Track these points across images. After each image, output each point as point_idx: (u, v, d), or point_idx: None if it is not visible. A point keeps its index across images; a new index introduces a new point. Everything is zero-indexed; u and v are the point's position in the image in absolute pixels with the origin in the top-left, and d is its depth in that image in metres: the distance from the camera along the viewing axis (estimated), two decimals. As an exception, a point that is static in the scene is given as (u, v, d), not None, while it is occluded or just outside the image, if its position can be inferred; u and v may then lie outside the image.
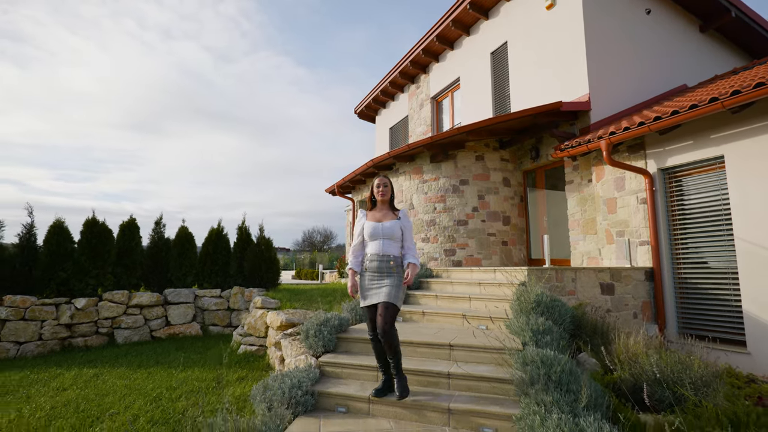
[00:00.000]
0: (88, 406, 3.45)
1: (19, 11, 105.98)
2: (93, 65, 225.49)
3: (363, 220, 3.14)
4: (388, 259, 2.98)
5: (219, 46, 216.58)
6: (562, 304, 3.83)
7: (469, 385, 2.95)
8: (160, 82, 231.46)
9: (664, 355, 2.97)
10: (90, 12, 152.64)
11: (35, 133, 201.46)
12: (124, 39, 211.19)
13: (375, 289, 2.94)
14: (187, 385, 3.90)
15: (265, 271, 7.24)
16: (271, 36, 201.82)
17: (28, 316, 5.73)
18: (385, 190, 3.15)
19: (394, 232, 3.02)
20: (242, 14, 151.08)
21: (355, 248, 3.14)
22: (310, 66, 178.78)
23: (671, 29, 8.41)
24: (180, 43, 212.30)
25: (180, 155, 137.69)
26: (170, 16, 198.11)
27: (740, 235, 4.54)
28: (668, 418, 2.46)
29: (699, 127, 4.92)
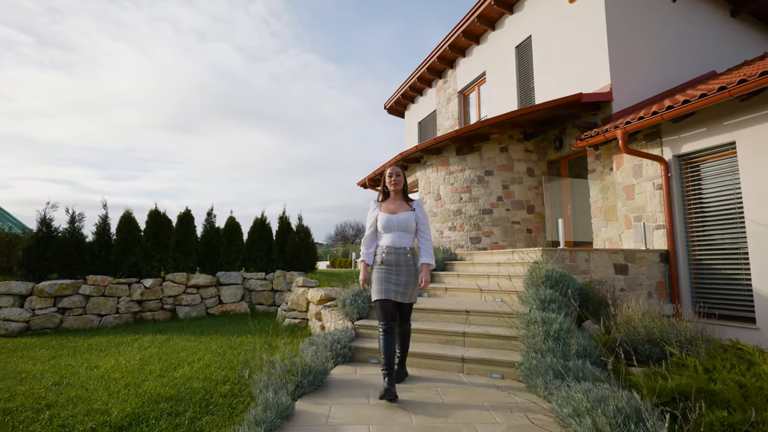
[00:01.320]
0: (168, 357, 4.24)
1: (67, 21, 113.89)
2: (134, 70, 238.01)
3: (376, 211, 3.05)
4: (405, 252, 2.89)
5: (250, 46, 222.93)
6: (570, 278, 4.25)
7: (481, 342, 3.47)
8: (197, 83, 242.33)
9: (657, 319, 3.36)
10: (129, 19, 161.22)
11: (85, 135, 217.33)
12: (162, 43, 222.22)
13: (393, 283, 2.83)
14: (244, 346, 4.63)
15: (304, 256, 7.97)
16: (299, 34, 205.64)
17: (107, 293, 6.72)
18: (398, 180, 3.04)
19: (410, 224, 2.93)
20: (271, 14, 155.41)
21: (366, 239, 3.05)
22: (338, 62, 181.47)
23: (699, 16, 8.40)
24: (213, 44, 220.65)
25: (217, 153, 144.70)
26: (204, 18, 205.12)
27: (751, 217, 4.75)
28: (652, 368, 2.88)
29: (712, 114, 5.14)
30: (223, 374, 3.61)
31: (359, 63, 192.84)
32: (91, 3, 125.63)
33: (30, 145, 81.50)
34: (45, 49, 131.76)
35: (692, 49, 8.10)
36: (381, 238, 2.99)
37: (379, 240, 3.00)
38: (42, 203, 25.48)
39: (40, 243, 6.91)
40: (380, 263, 2.91)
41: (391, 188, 3.06)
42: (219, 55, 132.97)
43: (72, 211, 7.23)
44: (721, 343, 3.73)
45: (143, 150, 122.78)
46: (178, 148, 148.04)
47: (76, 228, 7.18)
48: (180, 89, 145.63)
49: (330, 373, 3.18)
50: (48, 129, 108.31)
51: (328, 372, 3.16)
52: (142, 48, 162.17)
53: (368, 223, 3.08)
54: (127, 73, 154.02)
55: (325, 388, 2.86)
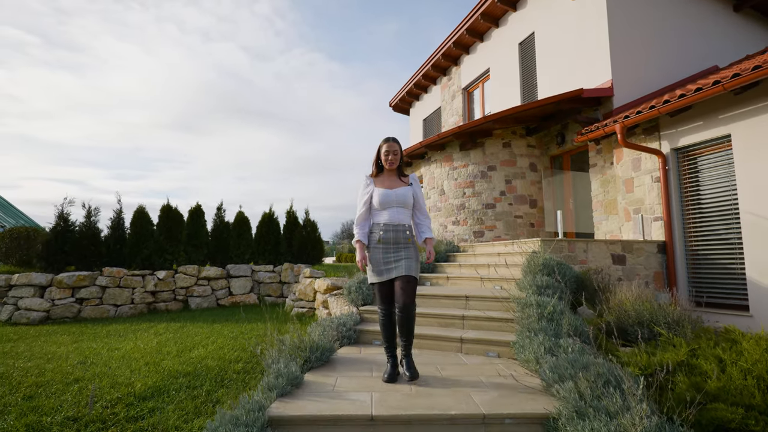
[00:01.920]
0: (183, 341, 4.47)
1: (73, 22, 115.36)
2: (140, 70, 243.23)
3: (371, 187, 2.85)
4: (404, 229, 2.77)
5: (255, 45, 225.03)
6: (567, 267, 4.42)
7: (479, 324, 3.65)
8: (202, 82, 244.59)
9: (646, 303, 3.52)
10: (135, 19, 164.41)
11: (93, 135, 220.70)
12: (168, 43, 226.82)
13: (392, 262, 2.70)
14: (255, 331, 4.86)
15: (311, 249, 8.20)
16: (304, 33, 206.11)
17: (122, 284, 6.99)
18: (395, 158, 2.87)
19: (407, 200, 2.81)
20: (276, 13, 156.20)
21: (360, 218, 2.86)
22: (342, 61, 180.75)
23: (701, 11, 8.45)
24: (219, 44, 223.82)
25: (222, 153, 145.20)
26: (209, 18, 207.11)
27: (745, 208, 4.88)
28: (640, 347, 3.05)
29: (708, 108, 5.25)
30: (235, 354, 3.83)
31: (364, 61, 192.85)
32: (97, 3, 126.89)
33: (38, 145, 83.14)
34: (52, 50, 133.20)
35: (694, 44, 8.17)
36: (376, 216, 2.82)
37: (374, 218, 2.83)
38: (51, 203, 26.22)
39: (58, 237, 7.20)
40: (377, 242, 2.75)
41: (386, 166, 2.86)
42: (224, 54, 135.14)
43: (88, 206, 7.53)
44: (714, 328, 3.88)
45: (150, 150, 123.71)
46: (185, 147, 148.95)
47: (92, 222, 7.47)
48: (186, 89, 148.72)
49: (336, 352, 3.39)
50: (56, 129, 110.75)
51: (335, 351, 3.37)
52: (148, 48, 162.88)
53: (361, 200, 2.85)
54: (134, 74, 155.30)
55: (332, 364, 3.07)
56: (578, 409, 1.97)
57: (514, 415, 2.10)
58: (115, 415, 2.55)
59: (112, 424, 2.43)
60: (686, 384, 2.32)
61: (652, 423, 1.76)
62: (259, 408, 2.03)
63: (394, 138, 2.91)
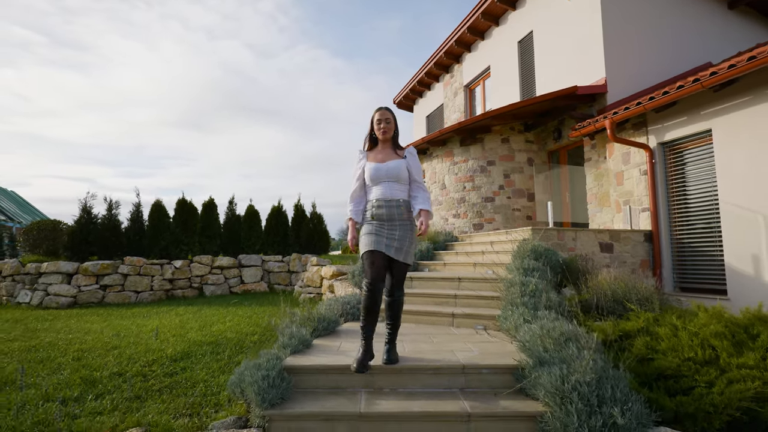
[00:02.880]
0: (203, 320, 4.93)
1: (79, 21, 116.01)
2: (146, 68, 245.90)
3: (363, 161, 2.69)
4: (398, 204, 2.58)
5: (259, 42, 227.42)
6: (554, 253, 4.79)
7: (470, 302, 4.05)
8: (208, 80, 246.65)
9: (621, 282, 3.89)
10: (140, 17, 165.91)
11: (100, 134, 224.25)
12: (173, 41, 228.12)
13: (386, 237, 2.53)
14: (267, 312, 5.30)
15: (317, 240, 8.63)
16: (307, 29, 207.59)
17: (142, 272, 7.48)
18: (387, 127, 2.65)
19: (401, 173, 2.60)
20: (279, 10, 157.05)
21: (353, 194, 2.71)
22: (346, 57, 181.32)
23: (696, 9, 8.69)
24: (223, 42, 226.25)
25: (228, 150, 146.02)
26: (213, 16, 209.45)
27: (724, 199, 5.20)
28: (613, 319, 3.42)
29: (690, 104, 5.57)
30: (251, 329, 4.27)
31: (368, 58, 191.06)
32: (102, 2, 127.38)
33: (46, 143, 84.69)
34: (59, 49, 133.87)
35: (688, 42, 8.42)
36: (369, 192, 2.65)
37: (368, 194, 2.66)
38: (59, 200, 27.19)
39: (82, 228, 7.70)
40: (370, 218, 2.58)
41: (379, 136, 2.66)
42: (229, 52, 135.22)
43: (109, 200, 8.02)
44: (690, 310, 4.23)
45: (157, 147, 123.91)
46: (191, 145, 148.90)
47: (113, 215, 7.96)
48: (192, 87, 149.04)
49: (341, 325, 3.80)
50: (63, 127, 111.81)
51: (340, 324, 3.78)
52: (153, 46, 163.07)
53: (354, 175, 2.70)
54: (140, 72, 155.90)
55: (337, 333, 3.49)
56: (541, 359, 2.36)
57: (489, 365, 2.50)
58: (152, 372, 2.99)
59: (151, 378, 2.87)
60: (642, 344, 2.71)
61: (597, 366, 2.15)
62: (276, 358, 2.46)
63: (386, 107, 2.71)
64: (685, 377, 2.27)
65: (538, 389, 2.21)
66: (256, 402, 2.17)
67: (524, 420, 2.15)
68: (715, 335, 2.62)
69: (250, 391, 2.22)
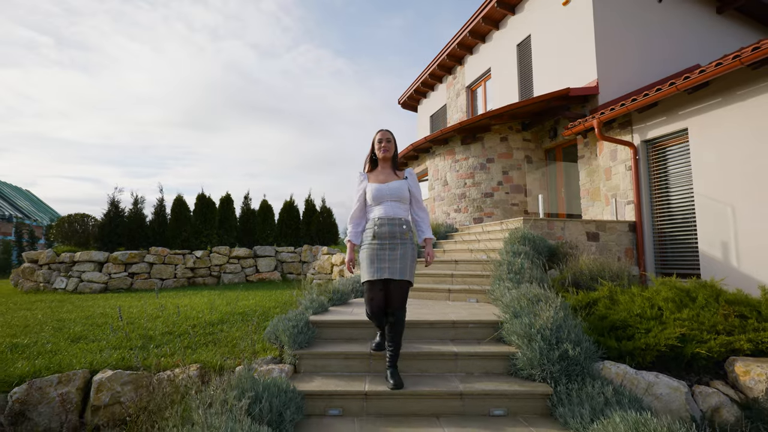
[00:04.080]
0: (228, 299, 5.54)
1: (85, 22, 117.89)
2: (151, 69, 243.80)
3: (364, 183, 2.73)
4: (400, 223, 2.60)
5: (263, 43, 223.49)
6: (542, 239, 5.34)
7: (465, 280, 4.62)
8: (212, 81, 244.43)
9: (596, 262, 4.44)
10: (145, 18, 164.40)
11: (106, 134, 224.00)
12: (177, 42, 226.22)
13: (386, 261, 2.52)
14: (285, 294, 5.90)
15: (327, 232, 9.23)
16: (310, 29, 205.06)
17: (166, 261, 8.12)
18: (388, 146, 2.72)
19: (403, 194, 2.65)
20: (282, 9, 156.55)
21: (354, 215, 2.74)
22: (349, 57, 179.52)
23: (685, 13, 9.15)
24: (227, 42, 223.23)
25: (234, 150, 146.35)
26: (216, 16, 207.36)
27: (698, 191, 5.72)
28: (584, 292, 3.97)
29: (670, 105, 6.08)
30: (273, 304, 4.86)
31: (370, 57, 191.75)
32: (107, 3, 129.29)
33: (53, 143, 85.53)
34: (65, 50, 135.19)
35: (678, 45, 8.89)
36: (371, 211, 2.68)
37: (369, 213, 2.69)
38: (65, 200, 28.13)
39: (111, 221, 8.36)
40: (372, 238, 2.59)
41: (380, 155, 2.73)
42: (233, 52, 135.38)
43: (135, 195, 8.68)
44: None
45: (162, 147, 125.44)
46: (196, 144, 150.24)
47: (138, 209, 8.61)
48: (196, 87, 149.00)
49: (352, 299, 4.39)
50: (70, 128, 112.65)
51: (351, 297, 4.37)
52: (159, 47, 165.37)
53: (355, 196, 2.74)
54: (146, 73, 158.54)
55: (349, 303, 4.07)
56: (516, 313, 2.92)
57: (475, 321, 3.07)
58: (196, 332, 3.59)
59: (196, 336, 3.47)
60: (603, 306, 3.26)
61: (559, 317, 2.71)
62: (302, 313, 3.05)
63: (387, 129, 2.82)
64: (630, 327, 2.83)
65: (511, 336, 2.78)
66: (288, 344, 2.76)
67: (500, 359, 2.72)
68: (664, 299, 3.17)
69: (283, 336, 2.81)
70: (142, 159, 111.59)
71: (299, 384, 2.47)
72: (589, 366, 2.49)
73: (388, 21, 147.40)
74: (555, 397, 2.36)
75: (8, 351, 3.04)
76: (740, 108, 5.27)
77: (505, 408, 2.38)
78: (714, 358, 2.51)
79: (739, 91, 5.27)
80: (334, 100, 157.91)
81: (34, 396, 2.36)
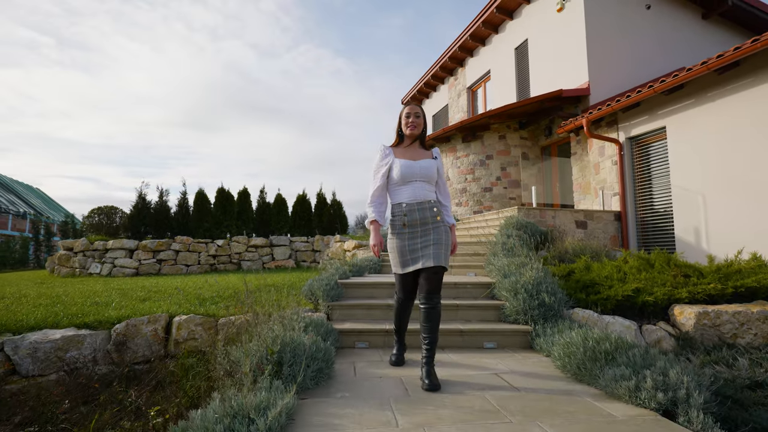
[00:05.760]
0: (254, 278, 6.22)
1: (85, 23, 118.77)
2: (151, 69, 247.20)
3: (390, 157, 2.47)
4: (430, 206, 2.40)
5: (262, 43, 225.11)
6: (534, 225, 6.02)
7: (464, 258, 5.30)
8: (212, 80, 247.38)
9: (578, 242, 5.12)
10: (144, 19, 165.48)
11: (107, 134, 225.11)
12: (177, 42, 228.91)
13: (419, 250, 2.34)
14: (305, 275, 6.60)
15: (337, 223, 9.92)
16: (309, 29, 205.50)
17: (191, 249, 8.83)
18: (417, 122, 2.50)
19: (432, 173, 2.47)
20: (281, 9, 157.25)
21: (375, 194, 2.49)
22: (349, 57, 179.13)
23: (672, 19, 9.78)
24: (227, 42, 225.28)
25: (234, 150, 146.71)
26: (215, 16, 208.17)
27: (675, 183, 6.39)
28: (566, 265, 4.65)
29: (650, 105, 6.75)
30: (298, 280, 5.55)
31: (370, 57, 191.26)
32: (107, 3, 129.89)
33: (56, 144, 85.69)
34: (65, 50, 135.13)
35: (666, 49, 9.54)
36: (396, 193, 2.46)
37: (394, 196, 2.47)
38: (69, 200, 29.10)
39: (140, 212, 9.07)
40: (402, 226, 2.39)
41: (407, 131, 2.49)
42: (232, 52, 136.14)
43: (161, 189, 9.40)
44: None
45: (163, 147, 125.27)
46: (196, 144, 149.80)
47: (164, 201, 9.33)
48: (197, 87, 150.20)
49: (366, 273, 5.08)
50: (71, 128, 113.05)
51: (365, 273, 5.06)
52: (159, 47, 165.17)
53: (378, 173, 2.48)
54: (147, 73, 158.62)
55: (364, 276, 4.76)
56: (506, 275, 3.61)
57: (472, 282, 3.76)
58: (239, 296, 4.29)
59: (240, 298, 4.17)
60: (578, 273, 3.94)
61: (539, 275, 3.39)
62: (331, 276, 3.74)
63: (416, 103, 2.84)
64: (598, 285, 3.51)
65: (502, 292, 3.47)
66: (322, 298, 3.46)
67: (492, 309, 3.41)
68: (630, 267, 3.85)
69: (318, 292, 3.50)
70: (144, 159, 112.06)
71: (333, 325, 3.16)
72: (561, 311, 3.18)
73: (387, 20, 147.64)
74: (534, 333, 3.04)
75: (94, 305, 3.73)
76: (711, 108, 5.94)
77: (495, 342, 3.07)
78: (660, 305, 3.18)
79: (710, 93, 5.94)
80: (334, 99, 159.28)
81: (131, 331, 3.05)
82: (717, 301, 3.12)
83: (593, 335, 2.36)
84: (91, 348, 2.94)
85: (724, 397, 2.00)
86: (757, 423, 1.80)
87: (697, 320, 2.92)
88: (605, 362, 2.16)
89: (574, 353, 2.31)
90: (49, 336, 2.85)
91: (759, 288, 3.05)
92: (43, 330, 2.94)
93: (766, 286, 3.05)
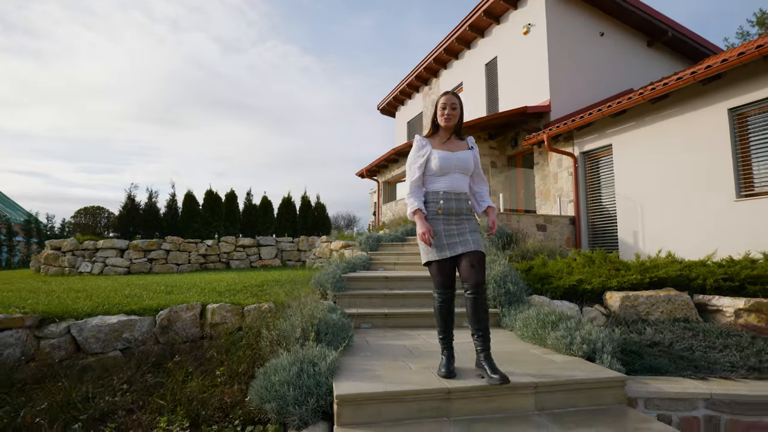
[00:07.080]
0: (250, 276, 6.80)
1: (33, 7, 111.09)
2: (108, 59, 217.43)
3: (427, 148, 2.50)
4: (466, 198, 2.49)
5: (227, 37, 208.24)
6: (500, 228, 6.93)
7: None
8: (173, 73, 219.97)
9: (537, 243, 6.06)
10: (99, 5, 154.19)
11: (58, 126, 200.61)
12: (135, 32, 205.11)
13: (456, 236, 2.39)
14: (296, 272, 7.23)
15: (321, 225, 10.57)
16: (276, 24, 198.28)
17: (181, 249, 9.23)
18: (453, 113, 2.50)
19: (469, 165, 2.50)
20: (247, 4, 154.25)
21: (415, 184, 2.50)
22: (317, 54, 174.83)
23: (623, 45, 11.06)
24: (189, 34, 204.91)
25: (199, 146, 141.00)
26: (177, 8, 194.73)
27: (618, 192, 7.49)
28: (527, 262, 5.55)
29: (600, 125, 7.84)
30: (296, 276, 6.20)
31: (339, 55, 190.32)
32: None
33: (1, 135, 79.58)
34: (12, 35, 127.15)
35: (618, 71, 10.78)
36: (432, 183, 2.49)
37: (430, 185, 2.50)
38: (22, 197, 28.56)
39: (129, 213, 9.37)
40: (436, 212, 2.43)
41: (442, 123, 2.51)
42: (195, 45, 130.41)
43: (150, 190, 9.72)
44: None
45: (119, 141, 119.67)
46: (158, 140, 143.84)
47: (153, 202, 9.66)
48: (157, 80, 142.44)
49: (358, 270, 5.81)
50: (19, 119, 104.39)
51: (358, 269, 5.78)
52: (115, 36, 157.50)
53: (415, 164, 2.51)
54: (101, 62, 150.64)
55: (358, 272, 5.49)
56: (479, 270, 4.45)
57: (452, 276, 4.58)
58: (249, 289, 4.91)
59: (251, 291, 4.80)
60: (536, 268, 4.83)
61: (505, 269, 4.24)
62: (335, 271, 4.46)
63: (453, 92, 2.63)
64: (551, 277, 4.40)
65: (476, 283, 4.29)
66: (330, 288, 4.17)
67: (468, 297, 4.23)
68: (577, 263, 4.78)
69: (326, 284, 4.21)
70: (100, 154, 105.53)
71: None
72: (522, 297, 4.04)
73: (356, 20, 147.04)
74: (501, 314, 3.88)
75: (125, 297, 4.26)
76: (647, 131, 7.05)
77: (471, 322, 3.88)
78: (596, 291, 4.11)
79: (647, 117, 7.05)
80: (302, 97, 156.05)
81: (173, 316, 3.63)
82: (637, 288, 4.07)
83: (544, 311, 3.21)
84: (140, 331, 3.52)
85: (630, 352, 2.88)
86: (647, 364, 2.68)
87: (621, 302, 3.85)
88: (551, 329, 3.00)
89: (530, 324, 3.15)
90: (107, 321, 3.41)
91: (667, 278, 4.03)
92: (98, 316, 3.49)
93: (672, 277, 4.03)
